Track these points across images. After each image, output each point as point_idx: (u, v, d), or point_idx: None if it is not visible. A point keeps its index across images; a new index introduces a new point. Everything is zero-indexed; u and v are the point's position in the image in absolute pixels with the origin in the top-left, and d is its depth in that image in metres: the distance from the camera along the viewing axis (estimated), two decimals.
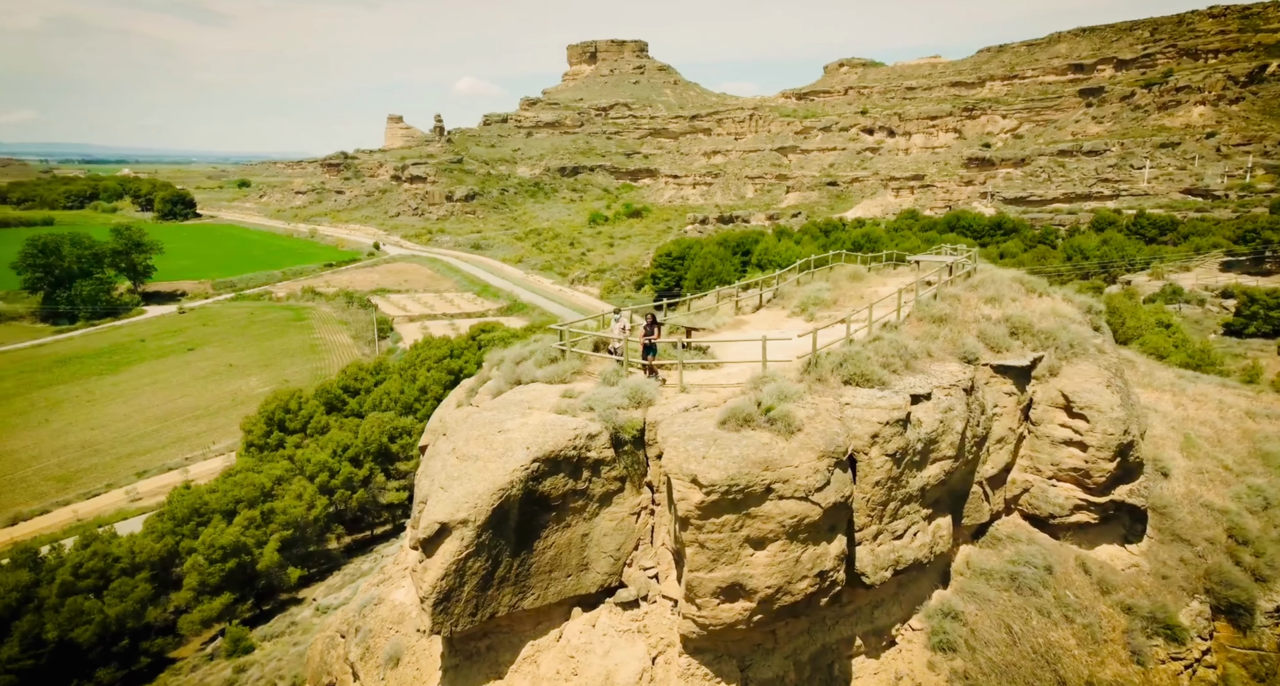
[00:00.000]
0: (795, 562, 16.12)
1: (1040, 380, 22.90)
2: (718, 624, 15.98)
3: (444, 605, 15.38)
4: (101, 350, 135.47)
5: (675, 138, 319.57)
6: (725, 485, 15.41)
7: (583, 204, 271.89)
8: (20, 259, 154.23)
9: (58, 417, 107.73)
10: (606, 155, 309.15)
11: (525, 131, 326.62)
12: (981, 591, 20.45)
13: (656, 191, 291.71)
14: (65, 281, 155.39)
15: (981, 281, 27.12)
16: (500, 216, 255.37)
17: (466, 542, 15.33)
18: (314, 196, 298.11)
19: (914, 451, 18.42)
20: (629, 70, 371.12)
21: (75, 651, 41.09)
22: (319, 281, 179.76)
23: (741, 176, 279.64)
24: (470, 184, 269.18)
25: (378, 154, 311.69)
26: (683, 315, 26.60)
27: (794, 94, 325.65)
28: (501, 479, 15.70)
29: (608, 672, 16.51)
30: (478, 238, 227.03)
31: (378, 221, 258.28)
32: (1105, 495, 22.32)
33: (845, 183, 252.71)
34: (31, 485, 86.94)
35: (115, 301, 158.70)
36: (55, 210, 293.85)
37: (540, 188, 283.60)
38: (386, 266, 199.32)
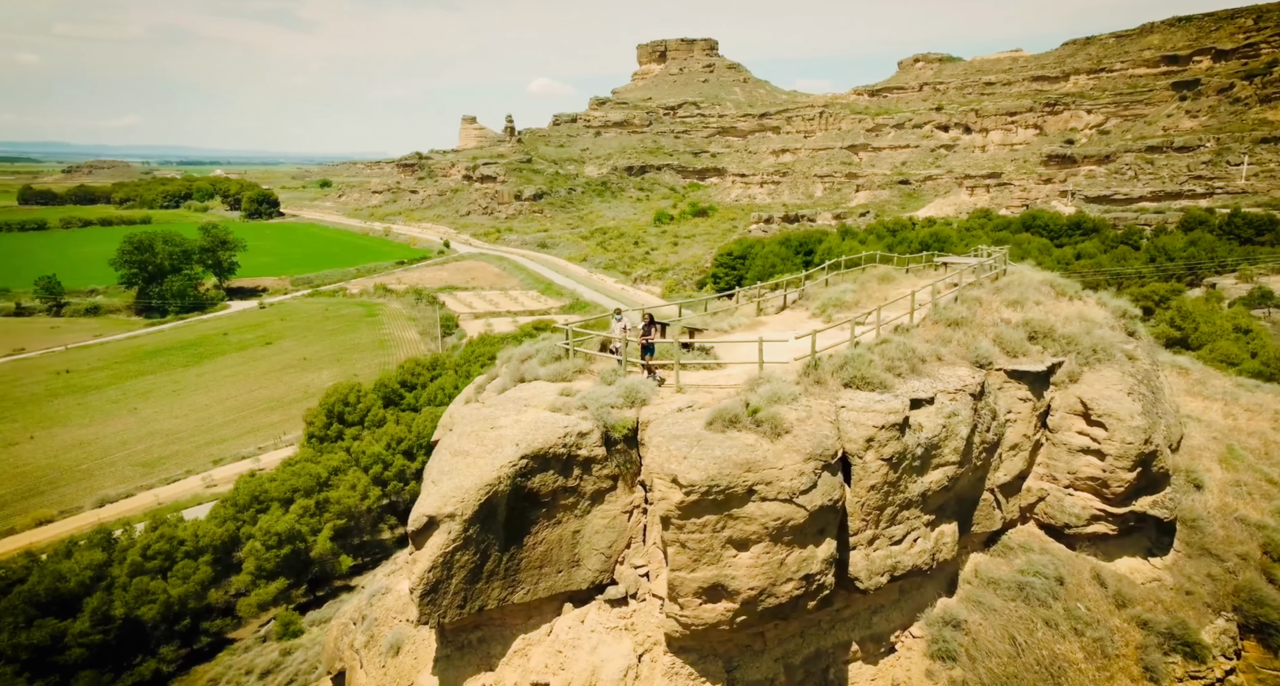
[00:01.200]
0: (780, 565, 16.02)
1: (1059, 386, 22.21)
2: (700, 624, 16.02)
3: (431, 596, 15.83)
4: (188, 342, 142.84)
5: (743, 136, 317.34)
6: (706, 485, 15.41)
7: (649, 203, 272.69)
8: (118, 256, 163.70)
9: (146, 406, 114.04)
10: (674, 154, 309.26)
11: (594, 131, 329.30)
12: (987, 600, 19.91)
13: (723, 190, 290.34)
14: (157, 277, 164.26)
15: (1007, 284, 26.31)
16: (567, 215, 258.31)
17: (454, 536, 15.74)
18: (389, 196, 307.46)
19: (913, 456, 18.08)
20: (698, 69, 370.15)
21: (140, 628, 43.60)
22: (390, 279, 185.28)
23: (810, 175, 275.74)
24: (539, 183, 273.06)
25: (450, 154, 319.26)
26: (698, 315, 26.52)
27: (866, 90, 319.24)
28: (489, 474, 16.05)
29: (593, 668, 16.75)
30: (544, 236, 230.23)
31: (449, 220, 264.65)
32: (1125, 506, 21.49)
33: (917, 181, 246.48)
34: (119, 470, 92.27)
35: (202, 296, 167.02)
36: (153, 209, 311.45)
37: (607, 187, 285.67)
38: (455, 264, 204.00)
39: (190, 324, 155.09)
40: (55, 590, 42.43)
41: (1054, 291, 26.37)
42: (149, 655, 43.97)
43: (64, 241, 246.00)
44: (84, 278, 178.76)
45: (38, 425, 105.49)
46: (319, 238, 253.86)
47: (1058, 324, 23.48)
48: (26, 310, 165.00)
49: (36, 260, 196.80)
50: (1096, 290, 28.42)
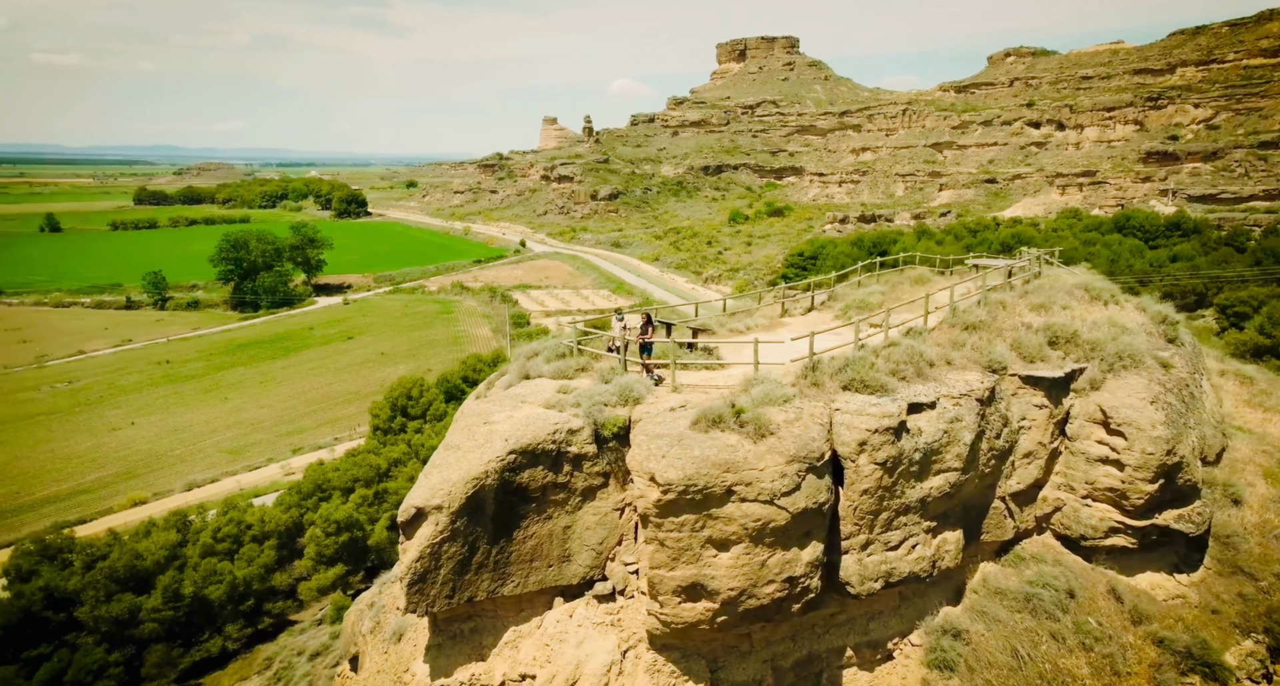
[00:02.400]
0: (761, 566, 15.97)
1: (1080, 393, 21.40)
2: (680, 622, 16.09)
3: (419, 586, 16.35)
4: (276, 336, 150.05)
5: (823, 135, 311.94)
6: (683, 484, 15.44)
7: (724, 203, 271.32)
8: (216, 253, 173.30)
9: (235, 396, 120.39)
10: (751, 153, 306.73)
11: (671, 131, 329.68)
12: (992, 611, 19.31)
13: (800, 190, 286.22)
14: (251, 273, 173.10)
15: (1037, 287, 25.32)
16: (641, 215, 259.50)
17: (441, 528, 16.20)
18: (470, 196, 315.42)
19: (910, 461, 17.73)
20: (778, 67, 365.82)
21: (209, 607, 46.24)
22: (467, 277, 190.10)
23: (891, 174, 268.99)
24: (614, 183, 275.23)
25: (530, 155, 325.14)
26: (716, 316, 26.36)
27: (952, 87, 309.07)
28: (476, 468, 16.44)
29: (578, 662, 17.00)
30: (618, 236, 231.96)
31: (526, 220, 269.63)
32: (1145, 519, 20.57)
33: (1005, 180, 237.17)
34: (208, 456, 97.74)
35: (291, 292, 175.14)
36: (252, 209, 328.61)
37: (683, 186, 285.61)
38: (530, 263, 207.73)
39: (279, 318, 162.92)
40: (133, 567, 45.43)
41: (1088, 295, 25.23)
42: (216, 632, 46.58)
43: (172, 239, 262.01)
44: (187, 273, 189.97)
45: (139, 412, 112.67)
46: (402, 236, 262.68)
47: (1083, 329, 22.59)
48: (135, 303, 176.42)
49: (146, 257, 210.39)
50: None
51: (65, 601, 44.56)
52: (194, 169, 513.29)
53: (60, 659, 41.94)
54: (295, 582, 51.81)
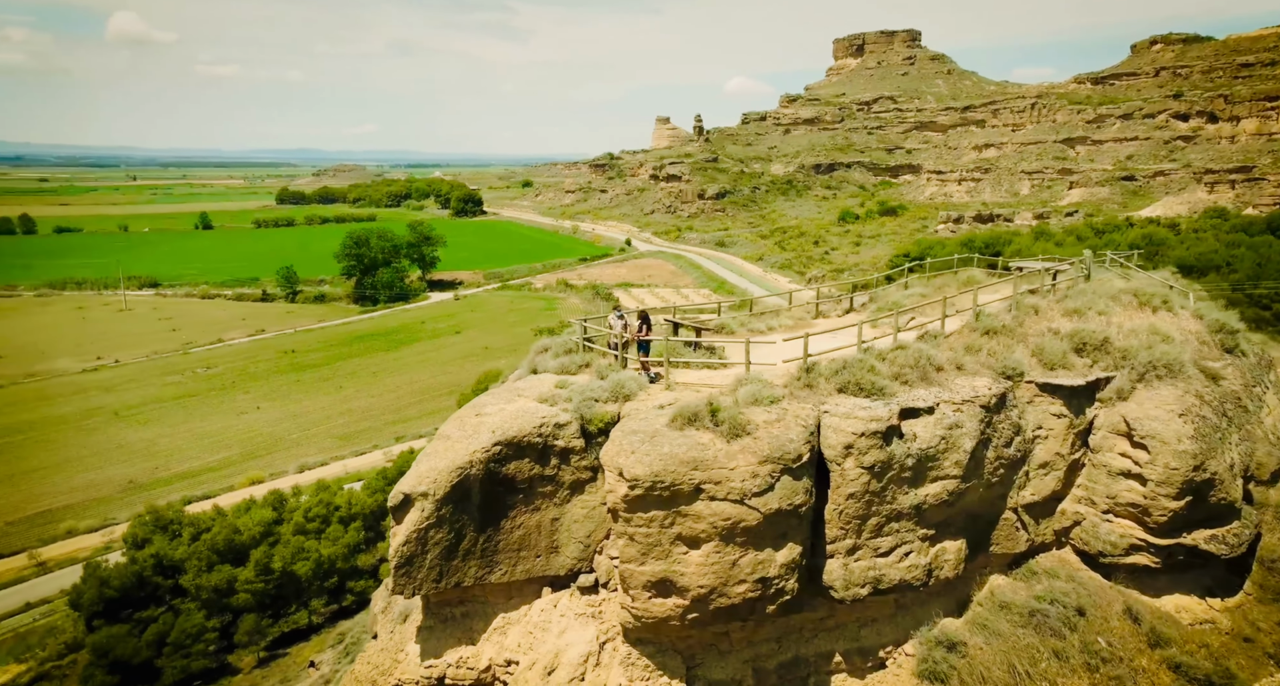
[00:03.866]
0: (732, 566, 15.96)
1: (1106, 403, 20.26)
2: (650, 617, 16.35)
3: (406, 569, 17.08)
4: (391, 329, 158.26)
5: (943, 131, 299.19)
6: (650, 480, 15.58)
7: (835, 202, 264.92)
8: (341, 249, 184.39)
9: (350, 385, 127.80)
10: (866, 151, 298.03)
11: (783, 129, 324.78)
12: (994, 624, 18.57)
13: (917, 188, 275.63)
14: (371, 269, 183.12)
15: (1078, 291, 23.87)
16: (748, 214, 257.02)
17: (427, 514, 16.87)
18: (581, 195, 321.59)
19: (902, 466, 17.35)
20: (897, 61, 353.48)
21: (297, 582, 49.44)
22: (572, 274, 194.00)
23: (1016, 171, 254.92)
24: (722, 182, 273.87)
25: (640, 154, 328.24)
26: (738, 316, 26.00)
27: (1088, 78, 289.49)
28: (462, 458, 17.03)
29: (557, 651, 17.41)
30: (723, 235, 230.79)
31: (633, 219, 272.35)
32: (1170, 537, 19.34)
33: (1145, 177, 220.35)
34: (320, 441, 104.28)
35: (406, 288, 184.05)
36: (378, 208, 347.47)
37: (792, 185, 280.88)
38: (634, 261, 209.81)
39: (395, 313, 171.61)
40: (231, 541, 49.17)
41: (1136, 301, 23.60)
42: (302, 606, 49.76)
43: (306, 236, 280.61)
44: (316, 268, 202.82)
45: (264, 397, 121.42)
46: (513, 234, 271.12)
47: (1116, 336, 21.32)
48: (270, 296, 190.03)
49: (282, 253, 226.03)
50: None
51: (172, 569, 48.77)
52: (330, 170, 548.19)
53: (165, 622, 45.91)
54: (378, 563, 54.53)
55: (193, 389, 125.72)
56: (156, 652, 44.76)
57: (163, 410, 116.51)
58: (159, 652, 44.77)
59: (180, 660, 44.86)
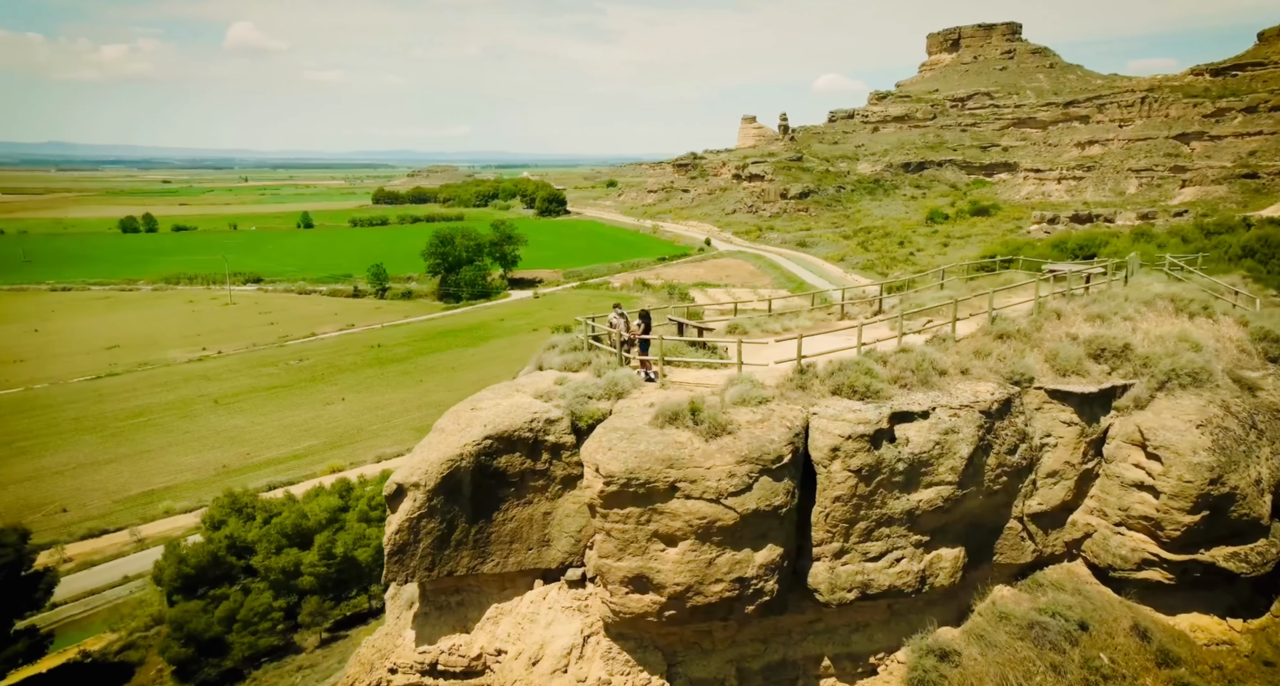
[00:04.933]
0: (708, 565, 16.04)
1: (1123, 412, 19.37)
2: (628, 613, 16.56)
3: (399, 557, 17.65)
4: (470, 326, 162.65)
5: (1043, 127, 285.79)
6: (625, 477, 15.70)
7: (924, 201, 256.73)
8: (427, 248, 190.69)
9: (429, 379, 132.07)
10: (958, 149, 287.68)
11: (871, 127, 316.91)
12: (991, 635, 18.09)
13: (1012, 187, 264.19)
14: (455, 267, 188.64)
15: (1107, 295, 22.84)
16: (832, 214, 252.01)
17: (419, 504, 17.41)
18: (663, 195, 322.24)
19: (892, 471, 17.07)
20: (995, 56, 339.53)
21: (357, 567, 51.45)
22: (650, 274, 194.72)
23: (1122, 169, 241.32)
24: (806, 181, 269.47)
25: (723, 153, 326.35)
26: (754, 316, 25.65)
27: (1207, 70, 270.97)
28: (452, 450, 17.51)
29: (543, 642, 17.78)
30: (804, 235, 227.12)
31: (714, 218, 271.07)
32: (1185, 553, 18.44)
33: (1269, 174, 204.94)
34: (398, 432, 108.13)
35: (488, 286, 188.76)
36: (467, 208, 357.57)
37: (879, 184, 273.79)
38: (712, 261, 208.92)
39: (476, 309, 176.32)
40: (299, 525, 51.60)
41: (1173, 307, 22.39)
42: (363, 591, 51.77)
43: (397, 235, 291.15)
44: (405, 266, 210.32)
45: (350, 389, 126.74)
46: (594, 234, 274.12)
47: (1139, 342, 20.31)
48: (361, 292, 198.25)
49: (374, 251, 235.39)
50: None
51: (245, 550, 51.56)
52: (424, 171, 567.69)
53: (235, 600, 48.58)
54: None
55: (285, 380, 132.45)
56: (227, 628, 47.45)
57: (257, 399, 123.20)
58: (229, 628, 47.44)
59: (249, 636, 47.42)
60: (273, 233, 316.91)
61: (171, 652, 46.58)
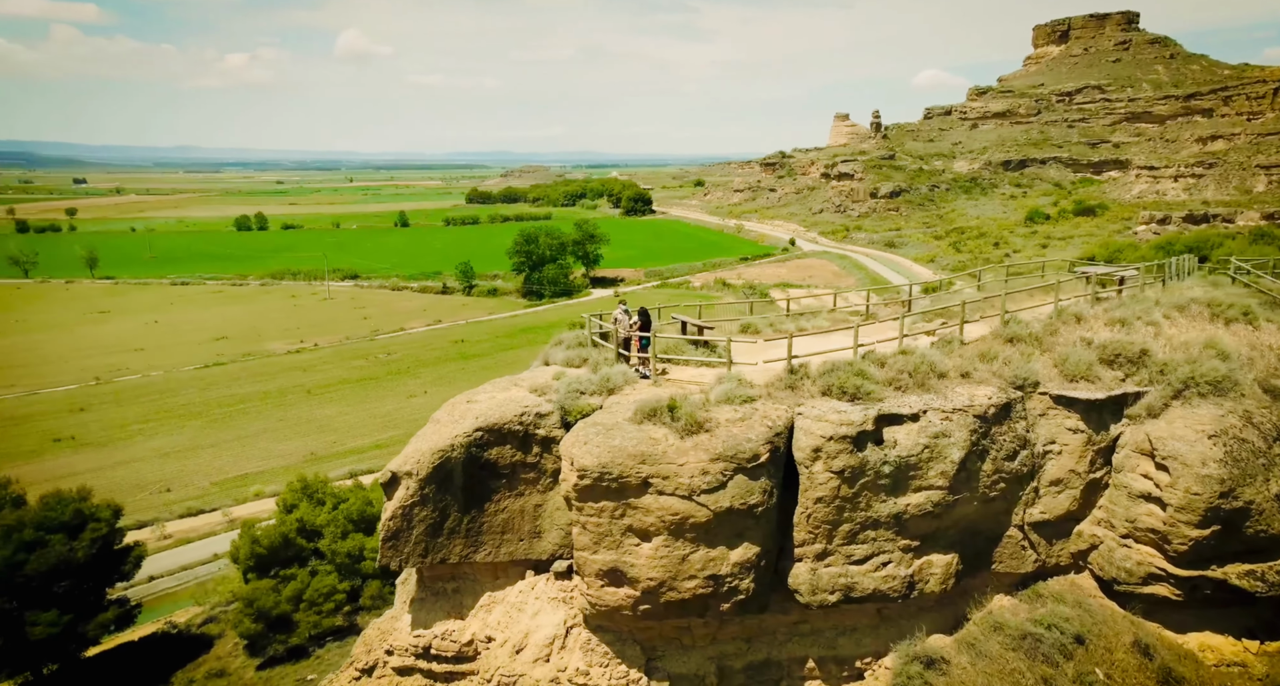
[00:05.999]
0: (681, 561, 16.19)
1: (1135, 420, 18.44)
2: (604, 605, 16.74)
3: (393, 542, 18.17)
4: (550, 323, 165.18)
5: (1160, 122, 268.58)
6: (598, 471, 15.89)
7: (1024, 201, 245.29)
8: (512, 246, 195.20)
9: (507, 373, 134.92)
10: (1064, 145, 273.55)
11: (969, 123, 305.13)
12: (983, 645, 17.62)
13: (1123, 186, 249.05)
14: (539, 265, 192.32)
15: (1135, 299, 22.12)
16: (923, 214, 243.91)
17: (411, 492, 17.92)
18: (749, 194, 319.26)
19: (878, 473, 16.83)
20: (1109, 47, 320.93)
21: None
22: (731, 274, 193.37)
23: (1250, 166, 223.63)
24: (897, 180, 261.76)
25: (811, 152, 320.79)
26: (769, 316, 25.10)
27: None
28: (444, 441, 17.96)
29: (528, 632, 18.16)
30: (893, 235, 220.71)
31: (800, 218, 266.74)
32: (1194, 569, 17.52)
33: None
34: None
35: (570, 284, 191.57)
36: (555, 207, 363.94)
37: (976, 183, 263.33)
38: (796, 261, 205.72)
39: (557, 307, 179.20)
40: (364, 512, 53.56)
41: (1208, 312, 20.88)
42: None
43: (487, 233, 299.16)
44: (491, 264, 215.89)
45: (432, 383, 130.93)
46: (678, 233, 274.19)
47: (1158, 348, 19.20)
48: (449, 289, 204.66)
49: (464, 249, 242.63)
50: None
51: (314, 533, 53.93)
52: (516, 171, 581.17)
53: (302, 580, 50.89)
54: None
55: (373, 372, 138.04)
56: (294, 607, 49.79)
57: (346, 390, 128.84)
58: (296, 607, 49.77)
59: (314, 615, 49.61)
60: (372, 231, 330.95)
61: (243, 627, 49.21)
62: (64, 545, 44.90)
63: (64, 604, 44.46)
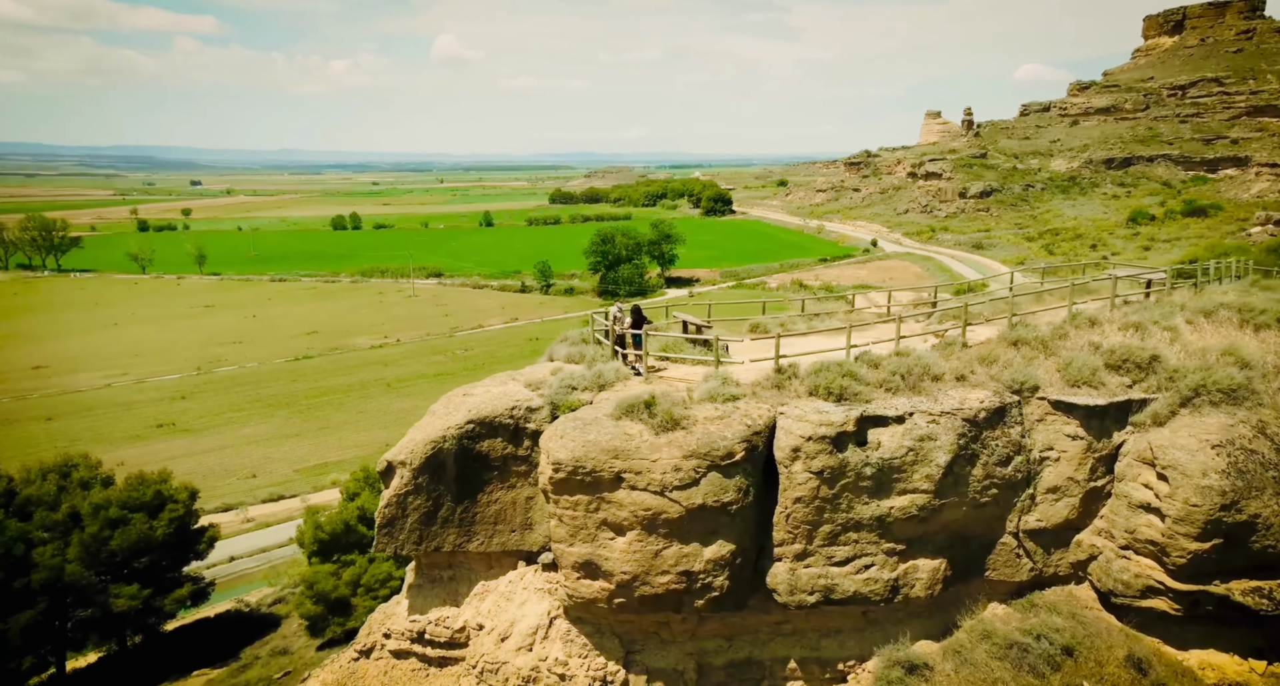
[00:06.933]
0: (654, 556, 16.19)
1: (1140, 427, 17.68)
2: (580, 597, 16.91)
3: (388, 529, 18.74)
4: None
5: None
6: (571, 465, 16.13)
7: (1127, 201, 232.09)
8: (589, 246, 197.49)
9: None
10: (1174, 142, 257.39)
11: (1070, 120, 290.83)
12: (970, 653, 17.03)
13: (1240, 185, 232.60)
14: (615, 265, 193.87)
15: (1159, 303, 21.09)
16: (1016, 214, 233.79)
17: (405, 481, 18.46)
18: (832, 194, 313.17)
19: (859, 475, 16.64)
20: (1228, 37, 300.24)
21: None
22: (809, 275, 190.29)
23: None
24: (989, 179, 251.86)
25: (898, 151, 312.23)
26: (784, 316, 24.60)
27: None
28: (436, 432, 18.48)
29: (514, 621, 18.65)
30: (982, 237, 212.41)
31: (884, 218, 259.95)
32: (1194, 583, 16.72)
33: None
34: None
35: (645, 284, 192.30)
36: (635, 207, 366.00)
37: (1075, 182, 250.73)
38: (877, 263, 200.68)
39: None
40: None
41: (1238, 318, 19.81)
42: None
43: (567, 233, 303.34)
44: (569, 263, 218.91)
45: None
46: (757, 233, 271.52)
47: (1173, 354, 18.22)
48: (527, 288, 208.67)
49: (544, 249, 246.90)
50: None
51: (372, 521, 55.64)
52: (600, 172, 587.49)
53: (360, 566, 52.74)
54: None
55: (450, 368, 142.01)
56: (352, 591, 51.61)
57: (424, 384, 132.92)
58: (354, 591, 51.58)
59: (369, 600, 51.16)
60: (457, 231, 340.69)
61: (304, 609, 51.35)
62: (144, 524, 47.79)
63: (143, 579, 47.31)
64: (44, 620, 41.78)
